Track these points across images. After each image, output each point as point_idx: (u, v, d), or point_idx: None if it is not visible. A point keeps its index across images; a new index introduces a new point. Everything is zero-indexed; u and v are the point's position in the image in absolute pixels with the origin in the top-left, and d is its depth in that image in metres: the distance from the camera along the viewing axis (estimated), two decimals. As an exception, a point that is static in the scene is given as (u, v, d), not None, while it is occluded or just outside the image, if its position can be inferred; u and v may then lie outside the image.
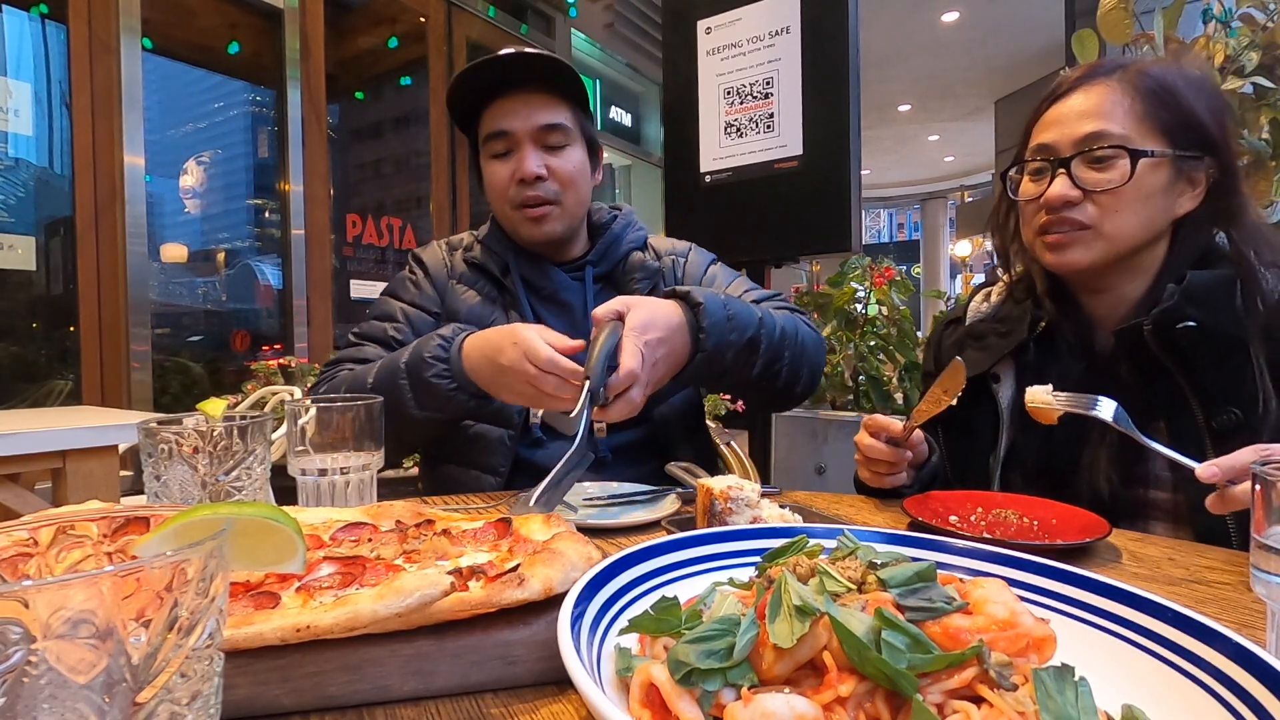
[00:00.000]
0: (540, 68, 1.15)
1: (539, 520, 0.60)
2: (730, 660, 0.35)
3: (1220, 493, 0.69)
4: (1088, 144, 0.89)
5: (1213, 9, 2.04)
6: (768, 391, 1.10)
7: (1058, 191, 0.90)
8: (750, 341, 1.01)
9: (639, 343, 0.85)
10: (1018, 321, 1.03)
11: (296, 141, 3.84)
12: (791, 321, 1.10)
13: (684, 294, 0.97)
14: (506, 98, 1.16)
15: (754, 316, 1.02)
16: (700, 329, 0.94)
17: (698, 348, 0.94)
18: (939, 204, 13.20)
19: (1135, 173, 0.87)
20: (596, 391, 0.81)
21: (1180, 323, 0.86)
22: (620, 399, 0.84)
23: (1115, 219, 0.89)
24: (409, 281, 1.26)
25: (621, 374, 0.83)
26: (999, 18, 6.38)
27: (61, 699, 0.23)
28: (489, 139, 1.18)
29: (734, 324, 0.98)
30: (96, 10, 3.04)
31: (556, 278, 1.22)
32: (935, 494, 0.88)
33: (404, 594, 0.41)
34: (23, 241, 2.89)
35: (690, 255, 1.32)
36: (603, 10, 5.93)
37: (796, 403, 1.18)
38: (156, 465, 0.65)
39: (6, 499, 1.75)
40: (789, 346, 1.07)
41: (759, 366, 1.04)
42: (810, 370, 1.13)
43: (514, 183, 1.17)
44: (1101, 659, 0.42)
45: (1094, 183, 0.89)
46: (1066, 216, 0.91)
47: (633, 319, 0.88)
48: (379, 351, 1.17)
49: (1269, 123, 1.95)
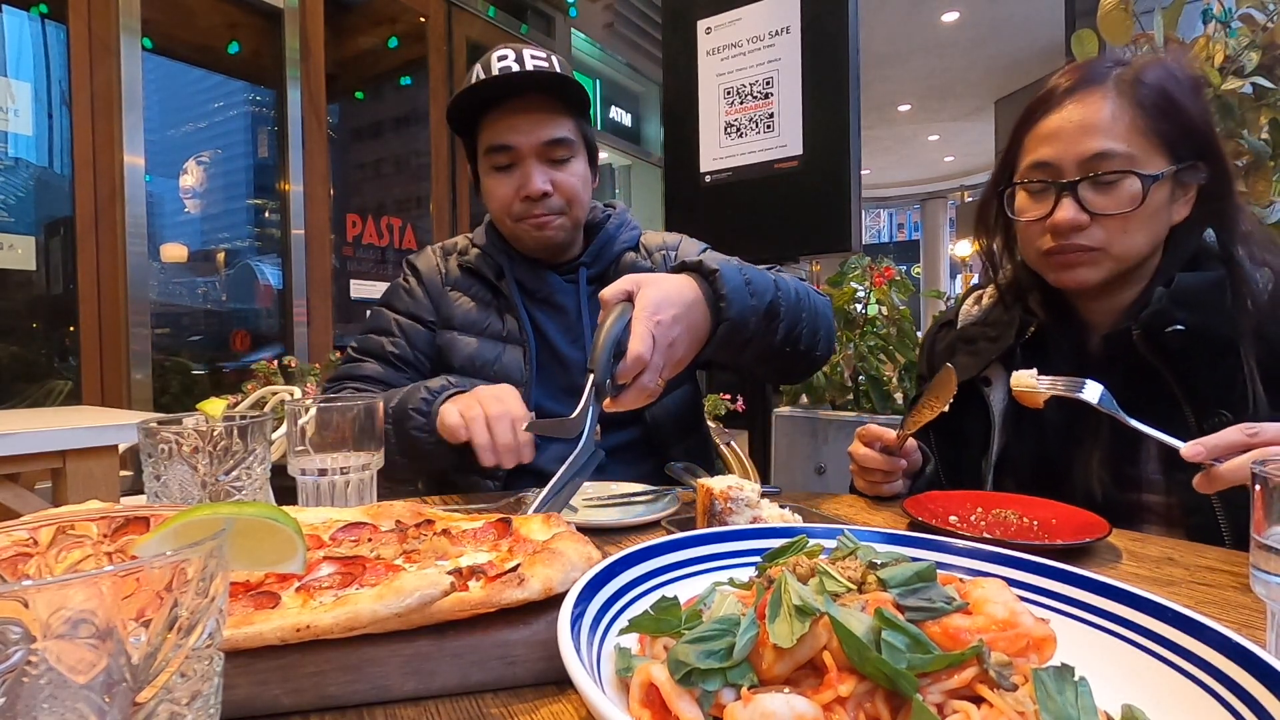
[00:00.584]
0: (543, 79, 1.14)
1: (538, 520, 0.60)
2: (730, 660, 0.35)
3: (1207, 472, 0.69)
4: (1094, 165, 0.87)
5: (1212, 9, 2.04)
6: (792, 358, 1.05)
7: (1066, 217, 0.88)
8: (771, 305, 0.96)
9: (650, 324, 0.79)
10: (1007, 326, 1.03)
11: (296, 141, 3.84)
12: (802, 285, 1.07)
13: (695, 265, 0.91)
14: (508, 108, 1.14)
15: (769, 280, 0.97)
16: (720, 297, 0.88)
17: (720, 318, 0.88)
18: (939, 204, 13.19)
19: (1146, 197, 0.85)
20: (602, 384, 0.76)
21: (1168, 326, 0.86)
22: (633, 387, 0.79)
23: (1124, 240, 0.88)
24: (403, 290, 1.26)
25: (630, 360, 0.77)
26: (999, 18, 6.38)
27: (61, 699, 0.23)
28: (490, 151, 1.16)
29: (753, 288, 0.93)
30: (96, 10, 3.04)
31: (551, 281, 1.22)
32: (935, 494, 0.88)
33: (404, 594, 0.41)
34: (23, 241, 2.89)
35: (681, 246, 1.31)
36: (603, 10, 5.93)
37: (818, 366, 1.12)
38: (156, 465, 0.65)
39: (6, 499, 1.75)
40: (805, 309, 1.04)
41: (781, 332, 0.99)
42: (826, 331, 1.10)
43: (518, 199, 1.15)
44: (1101, 659, 0.42)
45: (1102, 206, 0.87)
46: (1076, 241, 0.89)
47: (643, 299, 0.82)
48: (376, 368, 1.19)
49: (1269, 123, 1.95)
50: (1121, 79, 0.89)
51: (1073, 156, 0.88)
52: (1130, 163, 0.86)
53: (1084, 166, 0.88)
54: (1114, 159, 0.86)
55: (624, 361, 0.78)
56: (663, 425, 1.20)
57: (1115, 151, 0.86)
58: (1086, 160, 0.87)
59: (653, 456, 1.18)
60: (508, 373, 1.16)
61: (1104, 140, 0.86)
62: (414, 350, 1.21)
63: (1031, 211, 0.93)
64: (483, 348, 1.19)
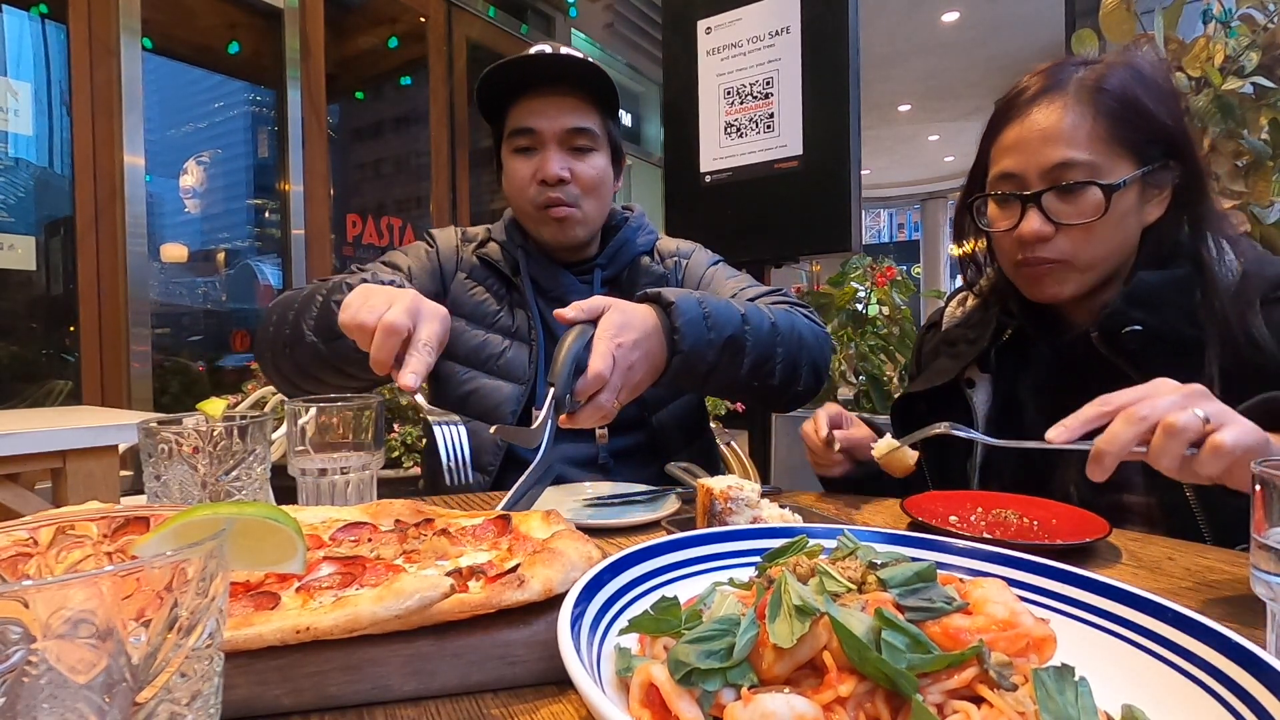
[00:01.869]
0: (575, 70, 1.15)
1: (538, 518, 0.60)
2: (730, 660, 0.35)
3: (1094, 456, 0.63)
4: (1056, 175, 0.87)
5: (1212, 9, 2.04)
6: (762, 392, 1.04)
7: (1032, 229, 0.88)
8: (731, 340, 0.95)
9: (611, 345, 0.80)
10: (985, 327, 1.03)
11: (296, 141, 3.84)
12: (787, 317, 1.05)
13: (654, 296, 0.92)
14: (536, 95, 1.15)
15: (735, 315, 0.97)
16: (674, 330, 0.89)
17: (674, 349, 0.89)
18: (939, 204, 13.18)
19: (1110, 206, 0.85)
20: (562, 399, 0.76)
21: (1125, 327, 0.86)
22: (590, 405, 0.79)
23: (1089, 249, 0.88)
24: (423, 250, 1.26)
25: (590, 376, 0.77)
26: (999, 17, 6.37)
27: (61, 699, 0.23)
28: (514, 133, 1.17)
29: (711, 322, 0.93)
30: (96, 10, 3.04)
31: (565, 280, 1.22)
32: (935, 494, 0.88)
33: (404, 596, 0.41)
34: (23, 241, 2.89)
35: (694, 256, 1.31)
36: (603, 10, 5.92)
37: (800, 402, 1.11)
38: (156, 465, 0.65)
39: (6, 499, 1.75)
40: (782, 343, 1.02)
41: (746, 366, 0.98)
42: (811, 366, 1.07)
43: (535, 182, 1.16)
44: (1101, 659, 0.42)
45: (1066, 215, 0.87)
46: (1041, 253, 0.89)
47: (607, 321, 0.82)
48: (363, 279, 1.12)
49: (1269, 123, 1.95)
50: (1083, 84, 0.88)
51: (1035, 167, 0.88)
52: (1092, 171, 0.85)
53: (1046, 177, 0.87)
54: (1076, 168, 0.85)
55: (585, 377, 0.78)
56: (668, 429, 1.20)
57: (1076, 160, 0.85)
58: (1048, 171, 0.87)
59: (657, 460, 1.17)
60: (511, 368, 1.17)
61: (1065, 150, 0.86)
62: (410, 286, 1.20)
63: (1001, 222, 0.93)
64: (489, 342, 1.19)
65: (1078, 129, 0.86)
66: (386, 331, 0.75)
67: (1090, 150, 0.85)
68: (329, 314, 0.96)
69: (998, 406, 1.00)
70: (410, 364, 0.75)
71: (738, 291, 1.19)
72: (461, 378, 1.18)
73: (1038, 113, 0.89)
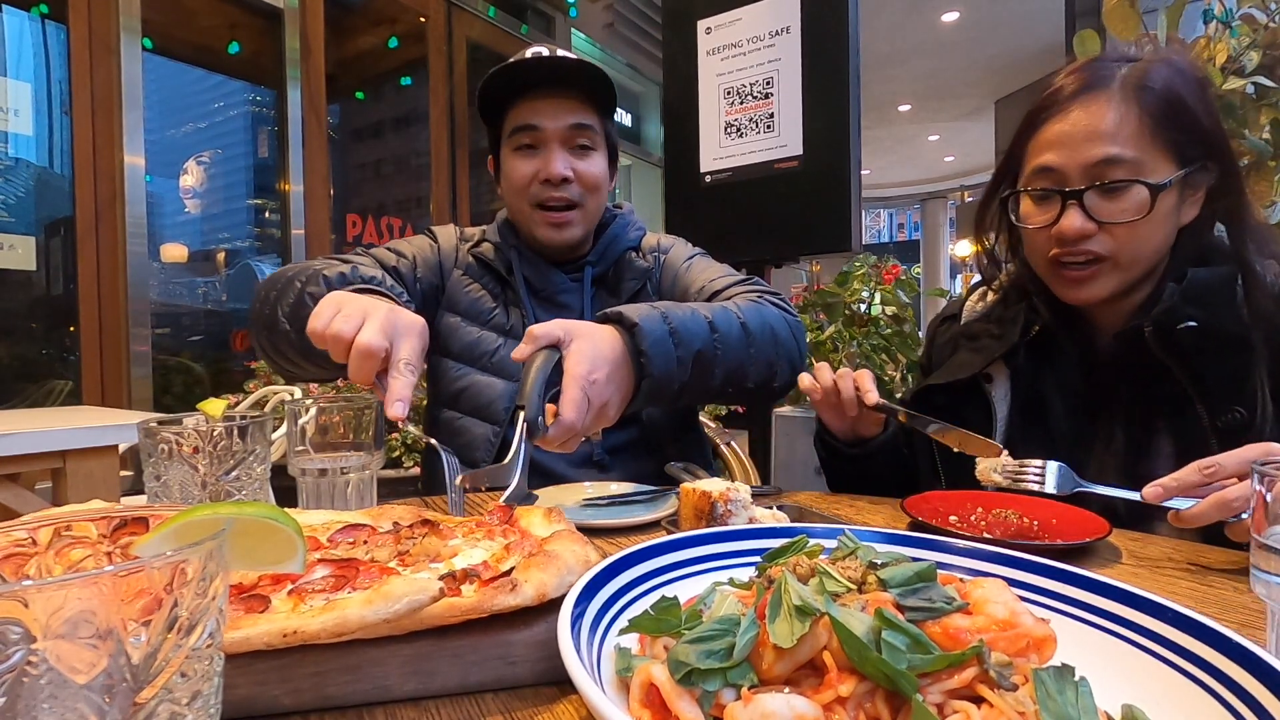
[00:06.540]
0: (575, 70, 1.15)
1: (540, 514, 0.60)
2: (730, 660, 0.35)
3: (1177, 513, 0.69)
4: (1100, 171, 0.86)
5: (1214, 9, 2.04)
6: (738, 395, 1.02)
7: (1073, 225, 0.87)
8: (700, 355, 0.91)
9: (584, 384, 0.76)
10: (1011, 323, 1.02)
11: (296, 141, 3.84)
12: (758, 314, 1.02)
13: (617, 317, 0.87)
14: (537, 96, 1.16)
15: (702, 325, 0.93)
16: (641, 353, 0.85)
17: (642, 373, 0.85)
18: (939, 204, 13.19)
19: (1154, 205, 0.84)
20: (534, 422, 0.74)
21: (1181, 323, 0.85)
22: (559, 429, 0.76)
23: (1131, 248, 0.87)
24: (427, 244, 1.27)
25: (563, 425, 0.74)
26: (999, 17, 6.37)
27: (61, 699, 0.23)
28: (516, 131, 1.17)
29: (679, 339, 0.89)
30: (96, 10, 3.04)
31: (556, 279, 1.23)
32: (935, 494, 0.88)
33: (392, 599, 0.41)
34: (23, 241, 2.89)
35: (674, 249, 1.31)
36: (603, 10, 5.92)
37: (777, 397, 1.08)
38: (156, 465, 0.65)
39: (6, 499, 1.75)
40: (755, 343, 0.99)
41: (719, 376, 0.95)
42: (788, 359, 1.04)
43: (536, 181, 1.16)
44: (1101, 659, 0.42)
45: (1109, 214, 0.86)
46: (1082, 248, 0.88)
47: (577, 353, 0.78)
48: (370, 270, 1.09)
49: (1269, 123, 1.95)
50: (1127, 81, 0.87)
51: (1078, 163, 0.87)
52: (1137, 170, 0.85)
53: (1090, 173, 0.86)
54: (1120, 165, 0.85)
55: (556, 425, 0.75)
56: (659, 424, 1.21)
57: (1122, 158, 0.84)
58: (1092, 166, 0.86)
59: (650, 455, 1.18)
60: (505, 365, 1.17)
61: (1110, 146, 0.85)
62: (414, 274, 1.21)
63: (1037, 218, 0.92)
64: (484, 339, 1.20)
65: (1123, 126, 0.85)
66: (363, 355, 0.73)
67: (1134, 148, 0.85)
68: (302, 305, 0.95)
69: (1018, 403, 1.00)
70: (395, 390, 0.72)
71: (705, 285, 1.18)
72: (455, 373, 1.19)
73: (1080, 109, 0.88)
